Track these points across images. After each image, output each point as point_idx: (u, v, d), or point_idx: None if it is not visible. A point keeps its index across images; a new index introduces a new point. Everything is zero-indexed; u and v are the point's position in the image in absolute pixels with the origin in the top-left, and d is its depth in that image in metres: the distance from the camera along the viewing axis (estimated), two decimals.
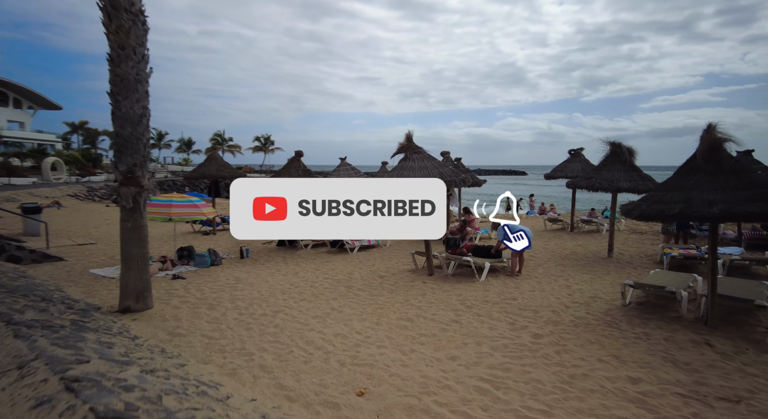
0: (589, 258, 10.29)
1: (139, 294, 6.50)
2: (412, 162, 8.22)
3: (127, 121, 6.27)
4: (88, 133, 70.93)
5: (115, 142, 6.38)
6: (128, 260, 6.46)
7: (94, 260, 10.52)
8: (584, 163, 14.00)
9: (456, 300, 7.15)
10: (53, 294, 6.58)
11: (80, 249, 11.90)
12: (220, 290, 7.94)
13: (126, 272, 6.46)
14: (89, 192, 35.82)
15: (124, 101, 6.23)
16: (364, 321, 6.24)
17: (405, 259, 10.60)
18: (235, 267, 10.00)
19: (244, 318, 6.39)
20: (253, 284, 8.38)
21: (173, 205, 9.50)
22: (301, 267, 9.95)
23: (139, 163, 6.40)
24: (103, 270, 9.49)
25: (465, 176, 8.11)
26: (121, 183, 6.37)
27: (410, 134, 8.48)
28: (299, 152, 11.50)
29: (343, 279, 8.73)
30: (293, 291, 7.88)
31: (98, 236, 14.35)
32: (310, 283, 8.42)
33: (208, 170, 14.35)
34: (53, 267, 9.64)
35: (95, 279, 8.74)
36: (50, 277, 8.66)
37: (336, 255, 11.33)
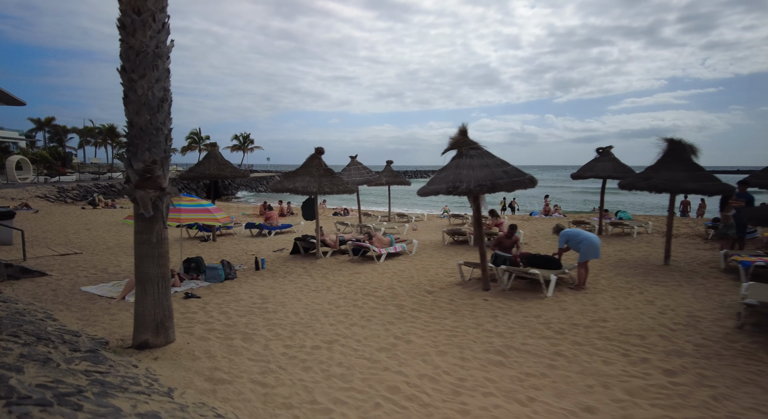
0: (643, 266, 9.41)
1: (159, 325, 5.16)
2: (470, 159, 7.10)
3: (144, 106, 4.93)
4: (55, 131, 67.04)
5: (129, 133, 5.02)
6: (145, 282, 5.11)
7: (81, 274, 9.00)
8: (615, 162, 13.19)
9: (537, 323, 6.07)
10: (46, 327, 5.17)
11: (63, 260, 10.30)
12: (248, 312, 6.65)
13: (142, 297, 5.12)
14: (60, 193, 33.34)
15: (141, 81, 4.89)
16: (445, 355, 5.09)
17: (442, 269, 9.49)
18: (254, 281, 8.67)
19: (293, 352, 5.15)
20: (284, 303, 7.10)
21: (182, 209, 8.10)
22: (330, 280, 8.71)
23: (159, 160, 5.07)
24: (97, 287, 8.03)
25: (529, 175, 7.04)
26: (137, 185, 5.02)
27: (465, 128, 7.37)
28: (320, 149, 10.24)
29: (386, 295, 7.54)
30: (336, 312, 6.65)
31: (80, 244, 12.69)
32: (351, 302, 7.20)
33: (208, 169, 12.86)
34: (34, 284, 8.10)
35: (89, 300, 7.29)
36: (34, 299, 7.16)
37: (362, 264, 10.12)
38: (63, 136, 68.09)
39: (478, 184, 6.67)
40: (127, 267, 9.79)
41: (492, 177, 6.79)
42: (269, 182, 68.46)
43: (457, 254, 11.18)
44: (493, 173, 6.87)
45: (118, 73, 4.98)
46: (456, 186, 6.72)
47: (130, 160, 5.02)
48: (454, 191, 6.76)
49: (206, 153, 13.34)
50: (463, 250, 11.71)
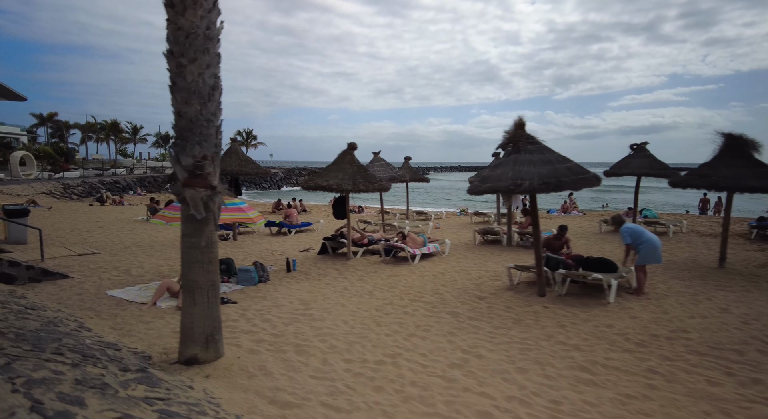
0: (695, 268, 8.90)
1: (209, 338, 4.65)
2: (529, 154, 6.58)
3: (194, 94, 4.41)
4: (57, 126, 66.44)
5: (176, 125, 4.50)
6: (194, 291, 4.61)
7: (104, 276, 8.50)
8: (651, 159, 12.66)
9: (612, 333, 5.57)
10: (84, 339, 4.67)
11: (82, 261, 9.81)
12: (293, 320, 6.15)
13: (190, 308, 4.61)
14: (65, 189, 32.88)
15: (190, 66, 4.37)
16: (526, 372, 4.59)
17: (484, 272, 8.98)
18: (288, 284, 8.18)
19: (357, 368, 4.65)
20: (329, 310, 6.60)
21: None
22: (369, 283, 8.21)
23: (210, 156, 4.55)
24: (123, 291, 7.53)
25: (593, 172, 6.52)
26: (185, 182, 4.51)
27: (522, 121, 6.84)
28: (352, 145, 9.72)
29: (435, 301, 7.04)
30: (388, 321, 6.15)
31: (96, 243, 12.19)
32: (399, 308, 6.70)
33: (229, 165, 12.33)
34: (57, 287, 7.60)
35: (118, 305, 6.80)
36: (60, 304, 6.67)
37: (396, 265, 9.61)
38: (65, 131, 67.51)
39: (543, 182, 6.16)
40: (150, 268, 9.30)
41: (556, 174, 6.28)
42: (273, 179, 67.90)
43: (493, 255, 10.68)
44: (556, 170, 6.35)
45: (164, 57, 4.46)
46: (518, 183, 6.21)
47: (177, 156, 4.50)
48: (516, 189, 6.26)
49: (226, 148, 12.83)
50: (498, 251, 11.21)
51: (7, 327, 4.21)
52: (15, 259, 7.55)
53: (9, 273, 7.37)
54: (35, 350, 3.59)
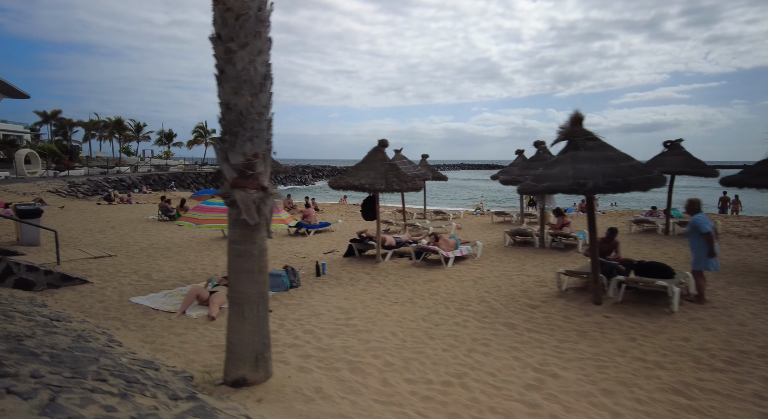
0: (752, 273, 8.38)
1: (259, 357, 4.17)
2: (588, 151, 6.08)
3: (245, 84, 3.92)
4: (60, 124, 66.03)
5: (224, 119, 4.01)
6: (243, 304, 4.13)
7: (125, 281, 8.03)
8: (687, 156, 12.13)
9: (692, 348, 5.07)
10: (120, 358, 4.20)
11: (99, 264, 9.34)
12: (337, 331, 5.67)
13: (238, 323, 4.13)
14: (71, 187, 32.50)
15: (241, 52, 3.88)
16: (613, 395, 4.10)
17: (525, 276, 8.48)
18: (321, 289, 7.70)
19: (423, 390, 4.17)
20: (373, 320, 6.12)
21: None
22: (406, 289, 7.72)
23: (261, 154, 4.06)
24: (147, 298, 7.06)
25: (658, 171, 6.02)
26: (235, 183, 4.03)
27: (580, 115, 6.33)
28: (383, 142, 9.21)
29: (484, 310, 6.55)
30: (441, 333, 5.66)
31: (111, 245, 11.72)
32: (448, 318, 6.22)
33: None
34: (77, 293, 7.14)
35: (144, 314, 6.33)
36: (83, 313, 6.20)
37: (429, 269, 9.12)
38: (69, 129, 67.12)
39: (608, 181, 5.66)
40: (171, 272, 8.82)
41: (621, 172, 5.78)
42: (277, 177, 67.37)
43: (528, 257, 10.19)
44: (620, 168, 5.84)
45: (210, 41, 3.97)
46: (581, 183, 5.71)
47: (226, 153, 4.00)
48: (579, 189, 5.76)
49: None
50: (531, 253, 10.72)
51: (39, 345, 3.73)
52: (33, 264, 7.09)
53: (27, 278, 6.91)
54: (76, 376, 3.12)
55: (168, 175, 49.06)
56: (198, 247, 11.60)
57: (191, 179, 52.71)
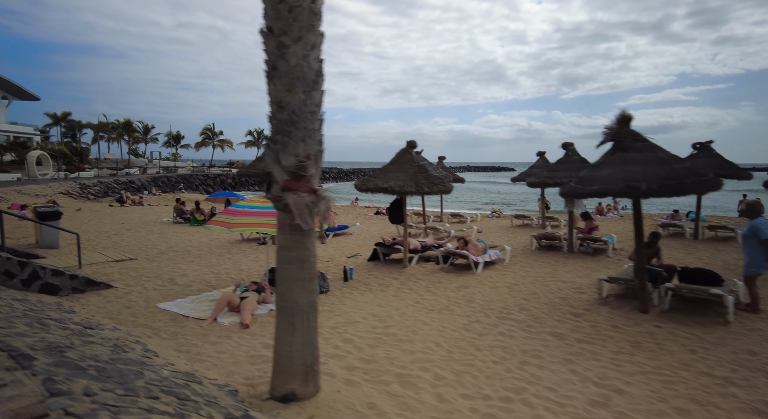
0: None
1: (309, 371, 3.93)
2: (638, 153, 5.80)
3: (299, 80, 3.69)
4: (70, 125, 66.37)
5: (275, 118, 3.79)
6: (294, 314, 3.89)
7: (149, 286, 7.82)
8: (718, 158, 11.81)
9: (764, 364, 4.77)
10: (162, 370, 3.98)
11: (120, 268, 9.15)
12: (378, 341, 5.41)
13: (288, 334, 3.89)
14: (82, 189, 32.49)
15: (295, 46, 3.65)
16: (689, 415, 3.81)
17: (561, 282, 8.19)
18: (352, 295, 7.46)
19: (483, 407, 3.91)
20: (413, 329, 5.86)
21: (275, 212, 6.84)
22: (440, 295, 7.46)
23: (313, 155, 3.84)
24: (175, 303, 6.85)
25: (712, 174, 5.73)
26: (286, 186, 3.80)
27: (628, 115, 6.06)
28: (412, 143, 8.96)
29: (527, 319, 6.28)
30: (486, 344, 5.40)
31: (129, 248, 11.55)
32: (490, 328, 5.95)
33: None
34: (102, 298, 6.94)
35: (174, 321, 6.11)
36: (112, 319, 5.99)
37: (458, 274, 8.86)
38: (78, 131, 67.44)
39: (662, 184, 5.38)
40: (195, 277, 8.61)
41: (675, 175, 5.49)
42: None
43: (558, 262, 9.90)
44: (674, 170, 5.56)
45: (261, 35, 3.75)
46: (633, 186, 5.43)
47: (277, 155, 3.78)
48: (632, 192, 5.48)
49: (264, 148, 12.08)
50: (561, 258, 10.42)
51: (82, 357, 3.51)
52: (58, 268, 6.90)
53: (53, 283, 6.72)
54: (129, 394, 2.89)
55: (177, 177, 49.14)
56: (218, 251, 11.40)
57: (199, 181, 52.77)
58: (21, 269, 6.39)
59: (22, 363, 2.92)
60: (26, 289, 6.45)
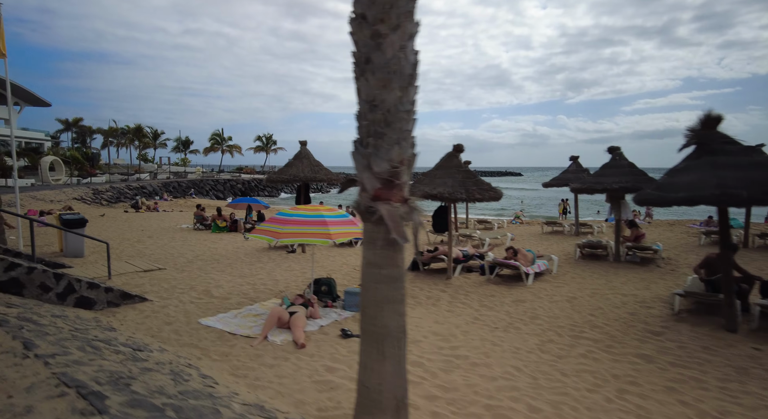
0: None
1: (400, 404, 3.43)
2: (730, 156, 5.30)
3: (395, 75, 3.23)
4: (81, 131, 66.67)
5: (366, 117, 3.32)
6: (383, 340, 3.41)
7: (185, 299, 7.37)
8: None
9: None
10: (232, 404, 3.51)
11: (150, 278, 8.72)
12: (451, 365, 4.91)
13: (377, 363, 3.41)
14: (95, 195, 32.32)
15: (392, 35, 3.19)
16: None
17: (621, 296, 7.67)
18: None
19: None
20: (482, 349, 5.36)
21: (327, 221, 6.39)
22: (499, 310, 6.97)
23: (406, 160, 3.38)
24: (217, 319, 6.39)
25: None
26: (377, 195, 3.33)
27: (717, 116, 5.57)
28: (459, 146, 8.50)
29: (603, 338, 5.76)
30: (571, 368, 4.89)
31: (154, 256, 11.15)
32: (569, 349, 5.44)
33: (301, 171, 11.19)
34: (139, 313, 6.50)
35: (221, 339, 5.65)
36: (154, 337, 5.54)
37: (510, 286, 8.35)
38: (89, 136, 67.74)
39: (766, 191, 4.87)
40: (231, 288, 8.15)
41: None
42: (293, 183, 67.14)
43: (608, 273, 9.37)
44: None
45: (350, 25, 3.30)
46: (731, 194, 4.92)
47: (368, 160, 3.32)
48: (730, 200, 4.97)
49: (297, 152, 11.66)
50: (609, 267, 9.89)
51: (149, 391, 3.05)
52: (93, 280, 6.47)
53: (88, 296, 6.29)
54: None
55: (187, 183, 49.06)
56: (247, 259, 10.95)
57: (209, 186, 52.67)
58: (56, 282, 5.97)
59: (96, 404, 2.46)
60: (61, 303, 6.03)
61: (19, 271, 5.62)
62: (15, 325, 3.92)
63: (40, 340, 3.65)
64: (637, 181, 9.56)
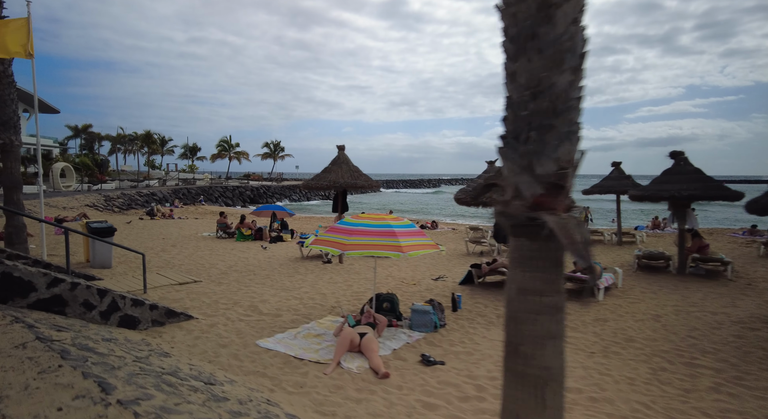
0: None
1: None
2: None
3: (568, 53, 2.59)
4: (90, 137, 66.54)
5: (526, 107, 2.68)
6: (544, 385, 2.73)
7: (233, 316, 6.71)
8: None
9: None
10: None
11: (187, 291, 8.07)
12: (567, 401, 4.23)
13: (538, 413, 2.72)
14: (107, 201, 31.82)
15: (566, 5, 2.57)
16: None
17: (709, 314, 6.97)
18: (476, 330, 6.29)
19: None
20: (590, 380, 4.67)
21: (396, 232, 5.72)
22: (580, 331, 6.29)
23: (573, 161, 2.73)
24: (277, 340, 5.73)
25: None
26: (539, 202, 2.68)
27: None
28: None
29: (721, 366, 5.05)
30: (704, 404, 4.20)
31: (183, 266, 10.52)
32: (687, 379, 4.74)
33: (341, 177, 10.53)
34: (188, 334, 5.84)
35: (290, 366, 4.98)
36: (212, 362, 4.89)
37: (582, 303, 7.65)
38: (98, 143, 67.60)
39: None
40: (278, 304, 7.47)
41: None
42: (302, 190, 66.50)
43: (677, 287, 8.68)
44: None
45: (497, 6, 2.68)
46: None
47: (529, 158, 2.67)
48: None
49: (335, 157, 11.00)
50: (674, 280, 9.20)
51: None
52: (137, 297, 5.82)
53: (132, 314, 5.64)
54: None
55: (196, 189, 48.62)
56: (284, 270, 10.29)
57: (219, 193, 52.23)
58: (100, 299, 5.33)
59: None
60: (105, 322, 5.38)
61: (62, 287, 4.98)
62: (77, 357, 3.27)
63: (112, 378, 3.00)
64: (707, 188, 8.89)
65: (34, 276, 4.77)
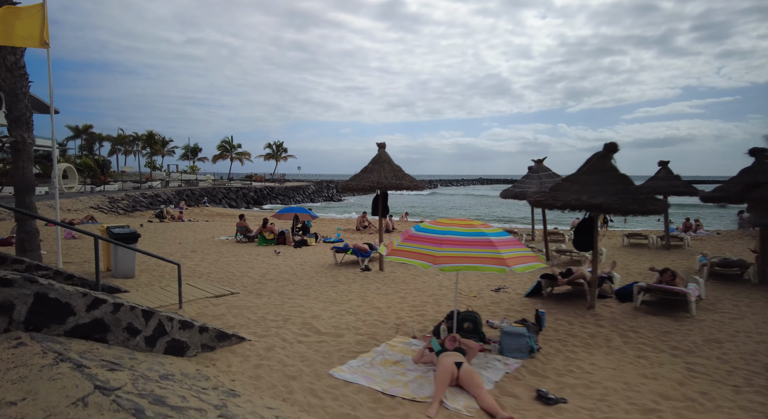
0: None
1: None
2: None
3: None
4: (91, 138, 65.43)
5: None
6: None
7: (287, 337, 5.79)
8: None
9: None
10: None
11: (226, 305, 7.15)
12: None
13: None
14: (111, 203, 30.84)
15: None
16: None
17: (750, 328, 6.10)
18: (575, 353, 5.39)
19: None
20: None
21: (494, 241, 4.82)
22: (695, 354, 5.38)
23: None
24: (351, 369, 4.84)
25: None
26: None
27: None
28: (612, 145, 6.90)
29: None
30: None
31: (211, 275, 9.61)
32: None
33: (384, 177, 9.59)
34: (244, 360, 4.92)
35: (377, 403, 4.10)
36: (286, 400, 3.98)
37: (675, 318, 6.75)
38: (98, 143, 66.51)
39: None
40: (333, 320, 6.55)
41: None
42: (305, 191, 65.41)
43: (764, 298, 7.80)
44: None
45: None
46: None
47: None
48: None
49: (375, 156, 10.05)
50: (756, 291, 8.34)
51: None
52: (185, 318, 4.91)
53: (180, 339, 4.73)
54: None
55: (200, 191, 47.66)
56: (323, 279, 9.37)
57: (222, 194, 51.28)
58: (145, 322, 4.43)
59: None
60: (150, 349, 4.47)
61: (103, 310, 4.08)
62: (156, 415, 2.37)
63: None
64: None
65: (72, 297, 3.86)
